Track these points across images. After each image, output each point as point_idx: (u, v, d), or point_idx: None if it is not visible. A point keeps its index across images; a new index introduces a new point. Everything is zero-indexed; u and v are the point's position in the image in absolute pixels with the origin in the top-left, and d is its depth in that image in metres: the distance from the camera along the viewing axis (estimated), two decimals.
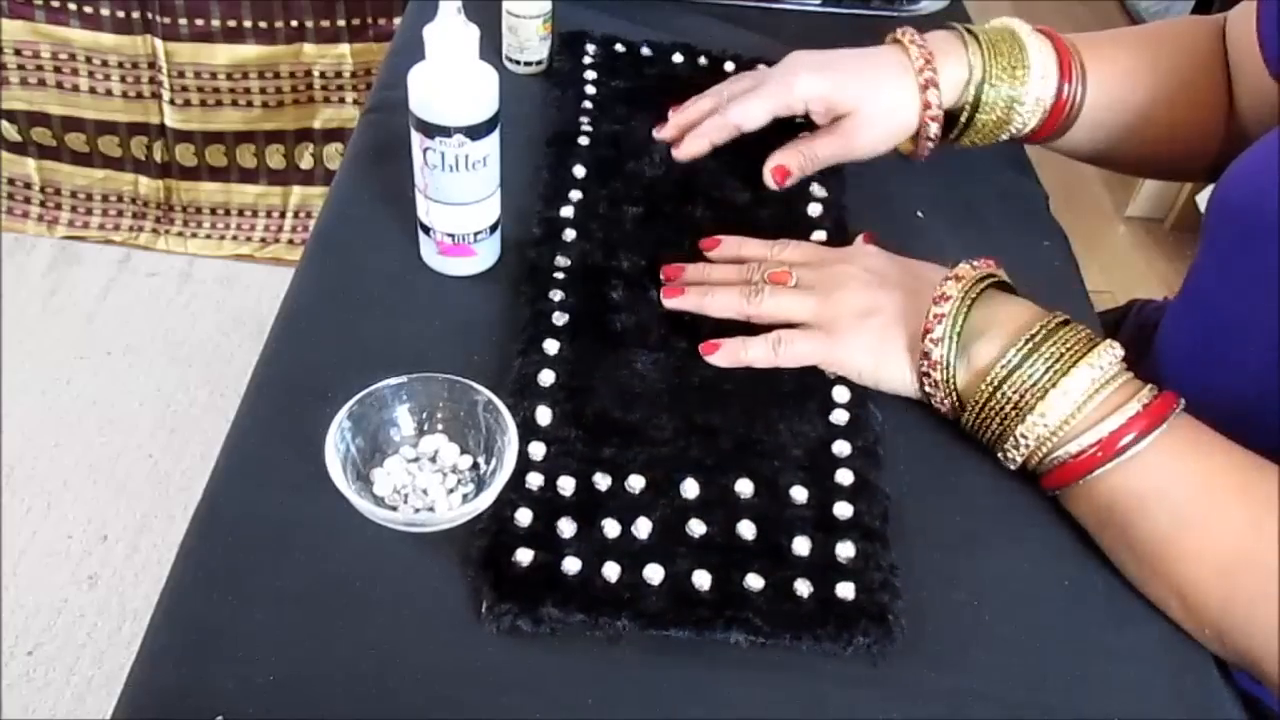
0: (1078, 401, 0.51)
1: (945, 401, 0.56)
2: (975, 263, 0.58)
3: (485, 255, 0.65)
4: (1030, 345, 0.53)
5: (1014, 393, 0.52)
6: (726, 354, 0.59)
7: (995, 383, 0.53)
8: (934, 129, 0.68)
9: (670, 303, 0.62)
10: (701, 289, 0.62)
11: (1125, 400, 0.51)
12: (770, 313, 0.60)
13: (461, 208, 0.61)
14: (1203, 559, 0.50)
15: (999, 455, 0.55)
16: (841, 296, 0.59)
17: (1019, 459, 0.54)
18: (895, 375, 0.58)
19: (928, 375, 0.56)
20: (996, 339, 0.54)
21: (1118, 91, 0.71)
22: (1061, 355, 0.52)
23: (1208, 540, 0.50)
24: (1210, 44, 0.71)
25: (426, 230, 0.63)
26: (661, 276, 0.64)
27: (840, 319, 0.59)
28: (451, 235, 0.63)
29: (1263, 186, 0.57)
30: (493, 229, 0.64)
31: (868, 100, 0.68)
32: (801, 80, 0.69)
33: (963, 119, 0.70)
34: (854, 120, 0.68)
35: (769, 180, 0.70)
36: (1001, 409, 0.53)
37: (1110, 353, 0.52)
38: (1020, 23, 0.69)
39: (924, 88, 0.68)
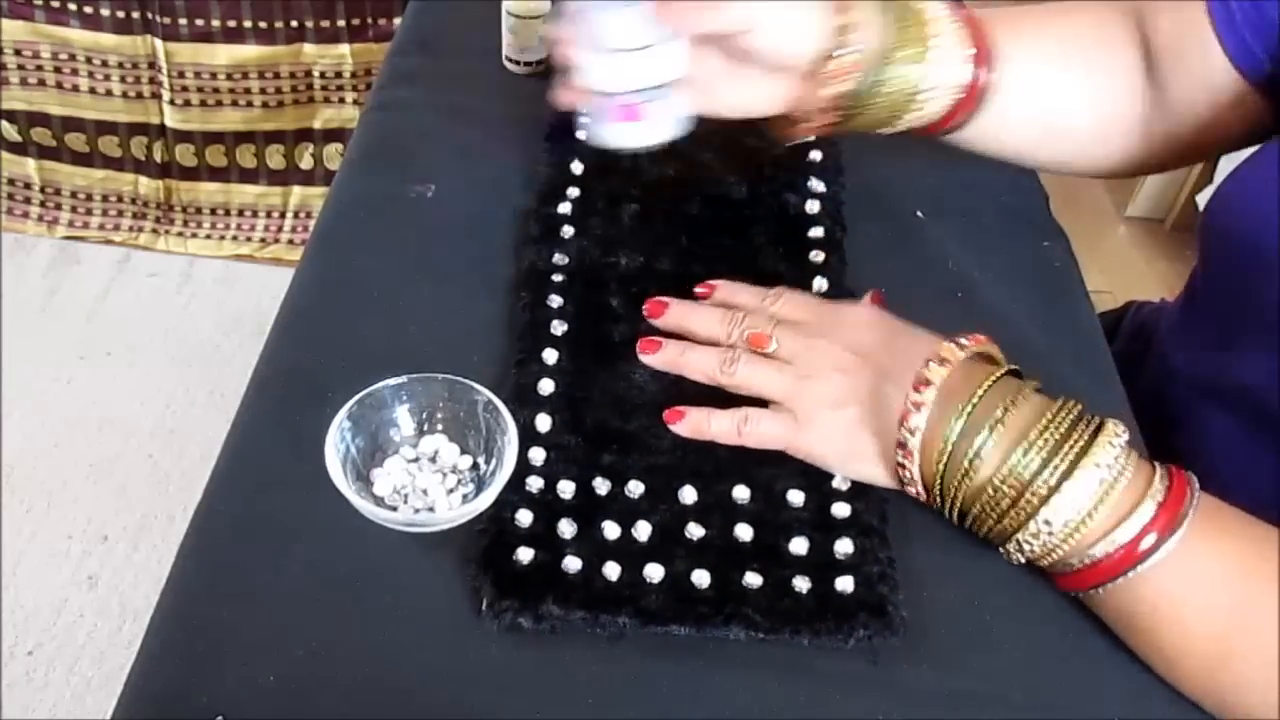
0: (1086, 508, 0.46)
1: (923, 495, 0.52)
2: (964, 340, 0.52)
3: (658, 122, 0.58)
4: (1027, 443, 0.47)
5: (1011, 490, 0.47)
6: (690, 425, 0.56)
7: (990, 484, 0.48)
8: (834, 85, 0.58)
9: (647, 358, 0.59)
10: (679, 346, 0.59)
11: (1139, 499, 0.46)
12: (743, 384, 0.56)
13: (621, 55, 0.55)
14: (1247, 661, 0.46)
15: (999, 549, 0.51)
16: (814, 384, 0.55)
17: (1022, 560, 0.50)
18: (865, 469, 0.54)
19: (903, 466, 0.51)
20: (986, 434, 0.48)
21: (1032, 75, 0.64)
22: (1062, 450, 0.47)
23: (1248, 642, 0.46)
24: (1126, 29, 0.65)
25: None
26: (644, 311, 0.61)
27: (810, 407, 0.55)
28: (608, 94, 0.57)
29: (1259, 212, 0.56)
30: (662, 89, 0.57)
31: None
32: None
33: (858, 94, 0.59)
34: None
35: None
36: (996, 509, 0.48)
37: (1115, 443, 0.47)
38: (933, 3, 0.61)
39: (839, 30, 0.57)
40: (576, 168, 0.71)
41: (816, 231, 0.69)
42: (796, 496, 0.54)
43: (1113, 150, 0.67)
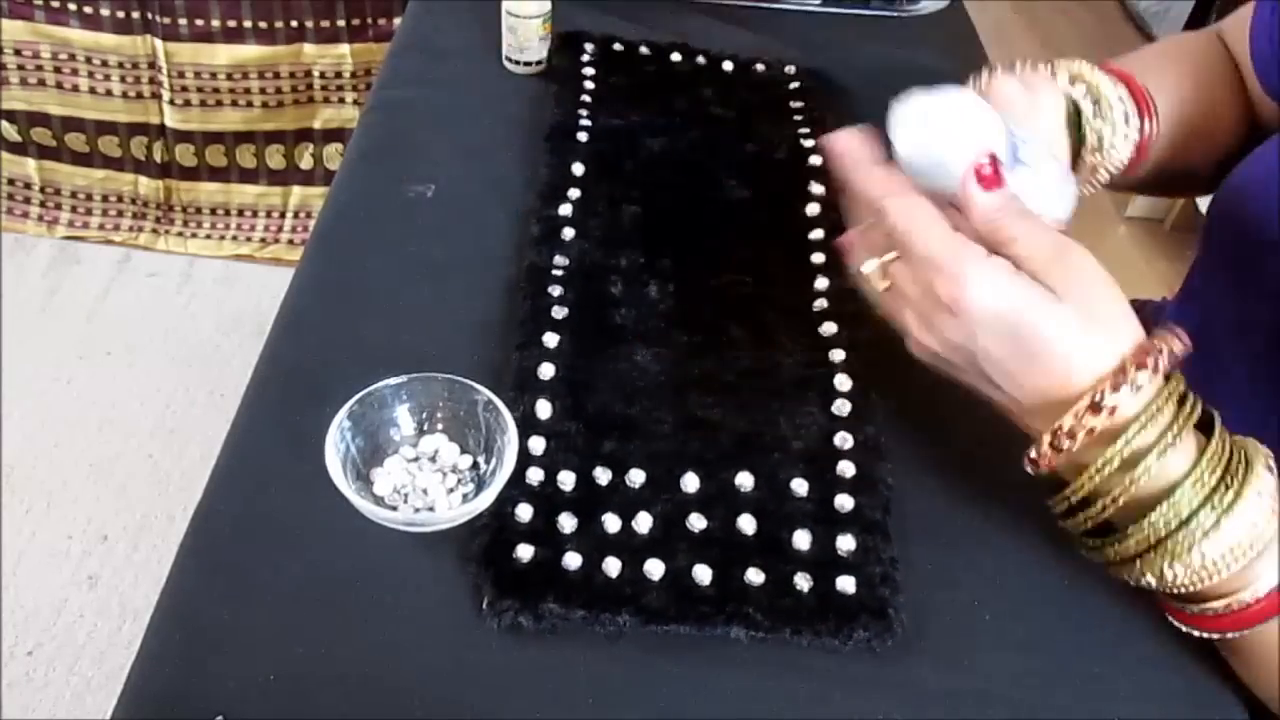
0: (1244, 547, 0.44)
1: (1052, 459, 0.47)
2: (1174, 346, 0.46)
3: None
4: (1198, 472, 0.44)
5: (1174, 519, 0.45)
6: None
7: (1158, 508, 0.45)
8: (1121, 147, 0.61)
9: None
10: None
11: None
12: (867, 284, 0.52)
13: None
14: None
15: (1121, 575, 0.48)
16: (921, 344, 0.50)
17: (1146, 585, 0.47)
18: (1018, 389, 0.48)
19: (1071, 433, 0.45)
20: (1160, 456, 0.44)
21: (1174, 117, 0.66)
22: (1219, 486, 0.44)
23: None
24: (1224, 57, 0.70)
25: None
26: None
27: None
28: None
29: (1265, 194, 0.57)
30: None
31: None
32: None
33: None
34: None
35: None
36: (1151, 531, 0.45)
37: (1269, 475, 0.45)
38: (1084, 63, 0.63)
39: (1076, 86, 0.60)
40: (577, 169, 0.71)
41: (817, 233, 0.69)
42: (800, 486, 0.54)
43: (1212, 172, 0.69)
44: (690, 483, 0.54)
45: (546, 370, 0.58)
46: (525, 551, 0.50)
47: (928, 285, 0.47)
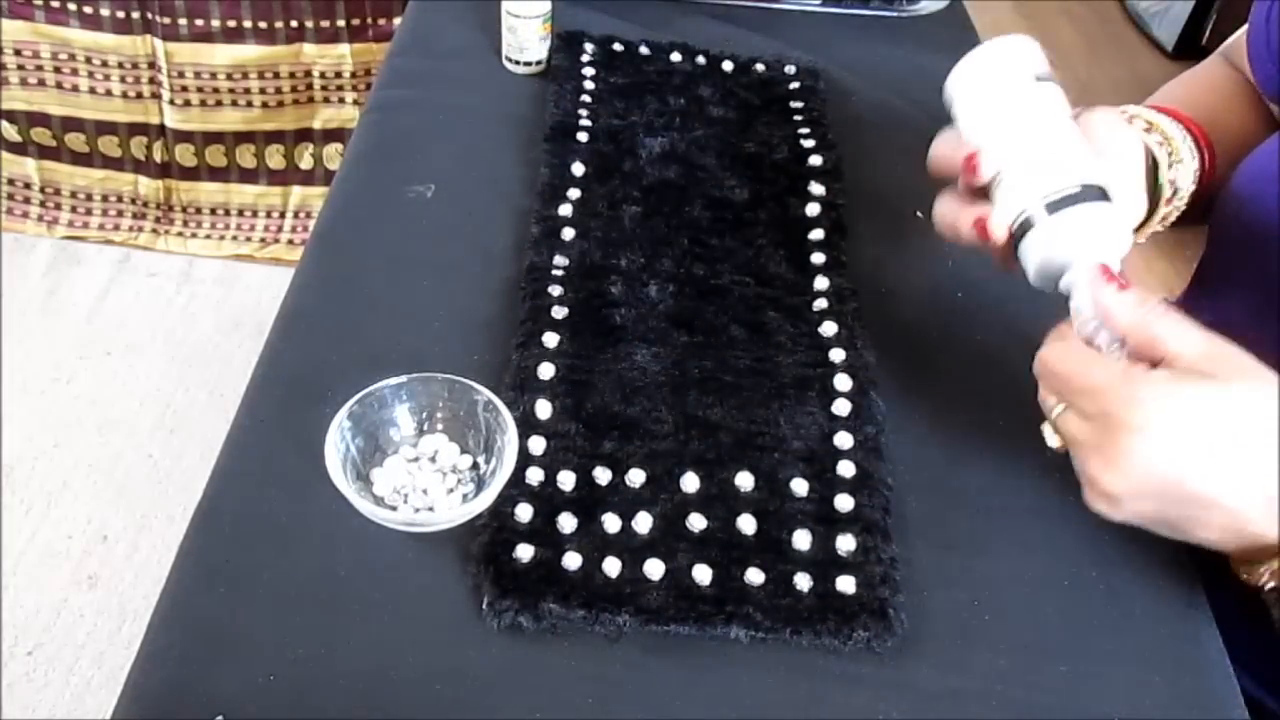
0: None
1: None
2: None
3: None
4: None
5: None
6: None
7: None
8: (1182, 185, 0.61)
9: None
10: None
11: None
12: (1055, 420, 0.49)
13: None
14: None
15: None
16: (1098, 495, 0.47)
17: None
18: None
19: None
20: None
21: (1219, 147, 0.66)
22: None
23: None
24: (1237, 78, 0.70)
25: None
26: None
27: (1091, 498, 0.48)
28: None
29: (1266, 189, 0.57)
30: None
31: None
32: None
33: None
34: None
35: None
36: None
37: None
38: (1143, 108, 0.64)
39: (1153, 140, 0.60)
40: (577, 169, 0.71)
41: (817, 234, 0.69)
42: (800, 486, 0.54)
43: None
44: (690, 483, 0.54)
45: (546, 370, 0.58)
46: (525, 551, 0.50)
47: (1102, 418, 0.45)
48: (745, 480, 0.54)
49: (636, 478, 0.54)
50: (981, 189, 0.53)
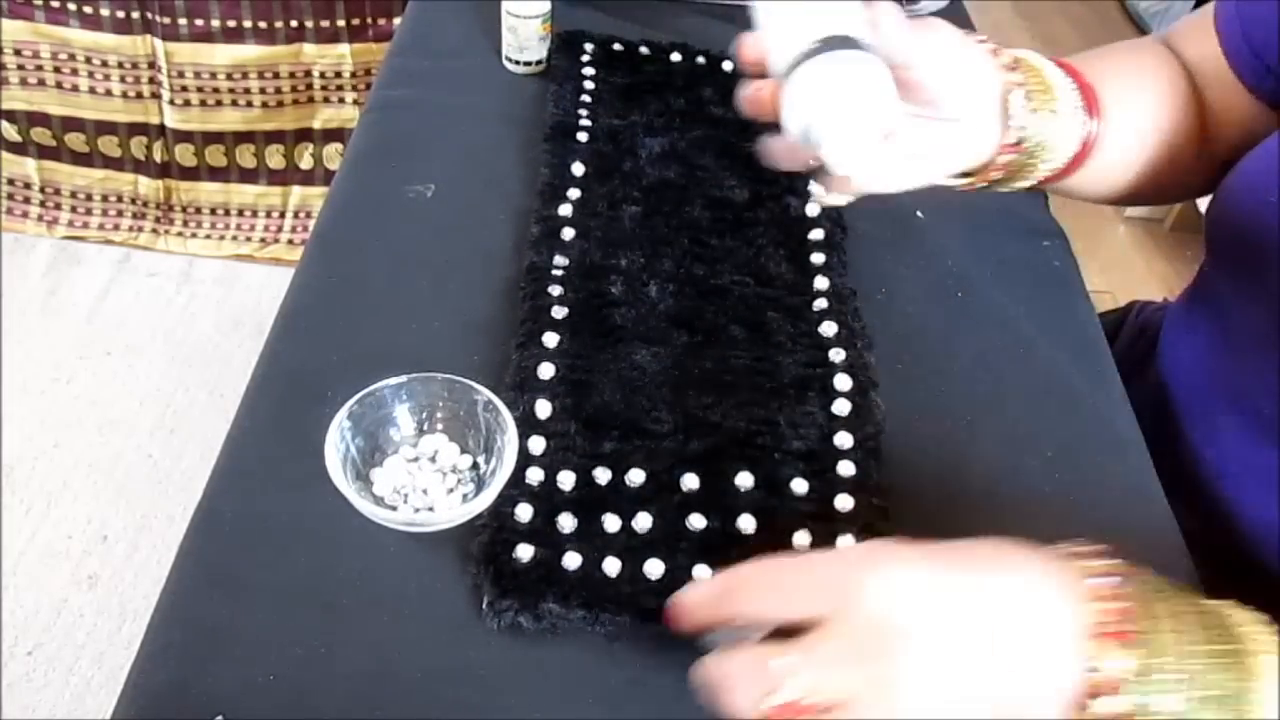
0: None
1: None
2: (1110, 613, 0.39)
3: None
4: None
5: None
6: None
7: None
8: (1019, 117, 0.55)
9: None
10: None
11: None
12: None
13: None
14: None
15: None
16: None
17: None
18: None
19: None
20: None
21: (1125, 123, 0.63)
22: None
23: None
24: (1177, 64, 0.67)
25: None
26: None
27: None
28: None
29: (1261, 198, 0.56)
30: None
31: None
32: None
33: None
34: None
35: None
36: None
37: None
38: (1036, 54, 0.60)
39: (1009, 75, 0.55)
40: (577, 169, 0.71)
41: (817, 233, 0.69)
42: (800, 485, 0.54)
43: (1180, 183, 0.68)
44: (690, 482, 0.54)
45: (546, 370, 0.58)
46: (525, 551, 0.50)
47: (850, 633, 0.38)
48: (745, 480, 0.54)
49: (636, 477, 0.54)
50: None
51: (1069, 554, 0.41)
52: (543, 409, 0.56)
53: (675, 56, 0.83)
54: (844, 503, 0.54)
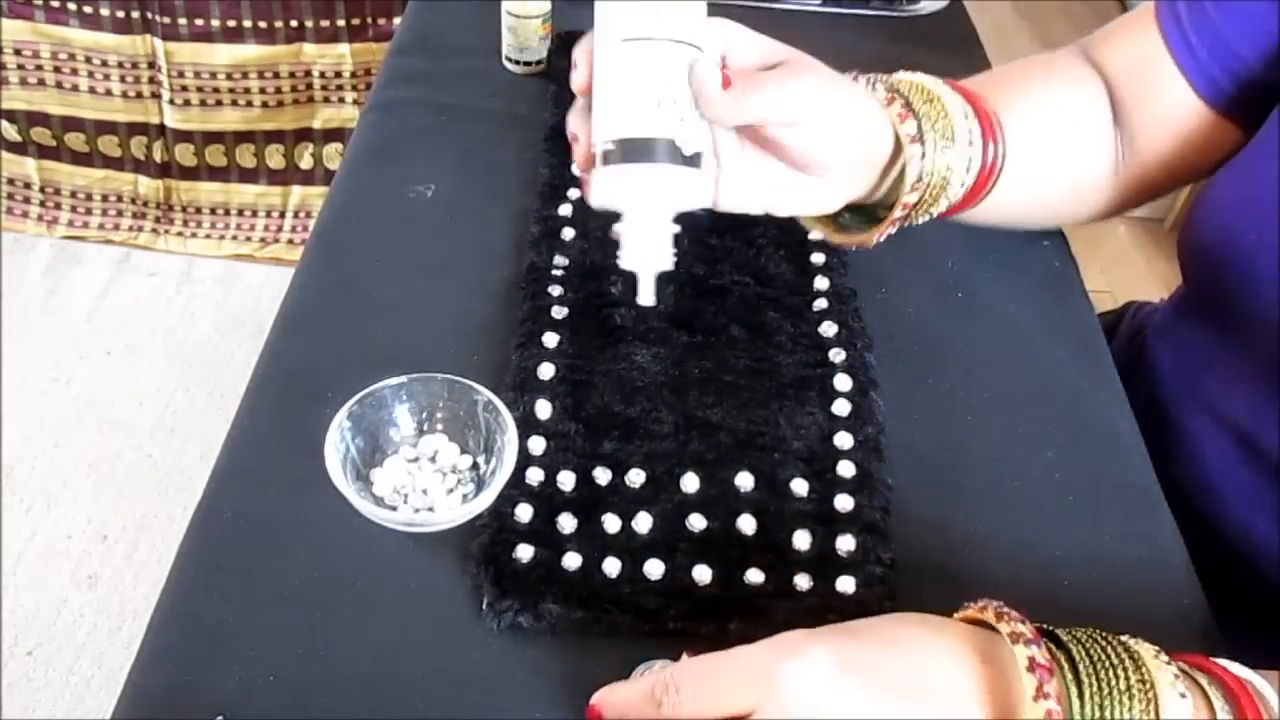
0: None
1: None
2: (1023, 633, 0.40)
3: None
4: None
5: None
6: None
7: None
8: (914, 171, 0.53)
9: None
10: None
11: None
12: None
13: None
14: None
15: None
16: None
17: None
18: None
19: None
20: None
21: (1026, 147, 0.60)
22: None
23: None
24: (1093, 81, 0.65)
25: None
26: None
27: None
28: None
29: (1238, 235, 0.56)
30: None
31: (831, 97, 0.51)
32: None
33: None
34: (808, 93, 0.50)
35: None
36: None
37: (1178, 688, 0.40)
38: (932, 79, 0.56)
39: (900, 118, 0.53)
40: (577, 168, 0.71)
41: (817, 234, 0.69)
42: (800, 486, 0.54)
43: (1091, 203, 0.67)
44: (690, 483, 0.54)
45: (546, 370, 0.58)
46: (525, 551, 0.50)
47: None
48: (745, 480, 0.54)
49: (636, 478, 0.54)
50: None
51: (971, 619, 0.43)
52: (543, 409, 0.56)
53: None
54: (844, 503, 0.54)
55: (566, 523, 0.52)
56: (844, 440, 0.57)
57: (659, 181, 0.45)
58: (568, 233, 0.67)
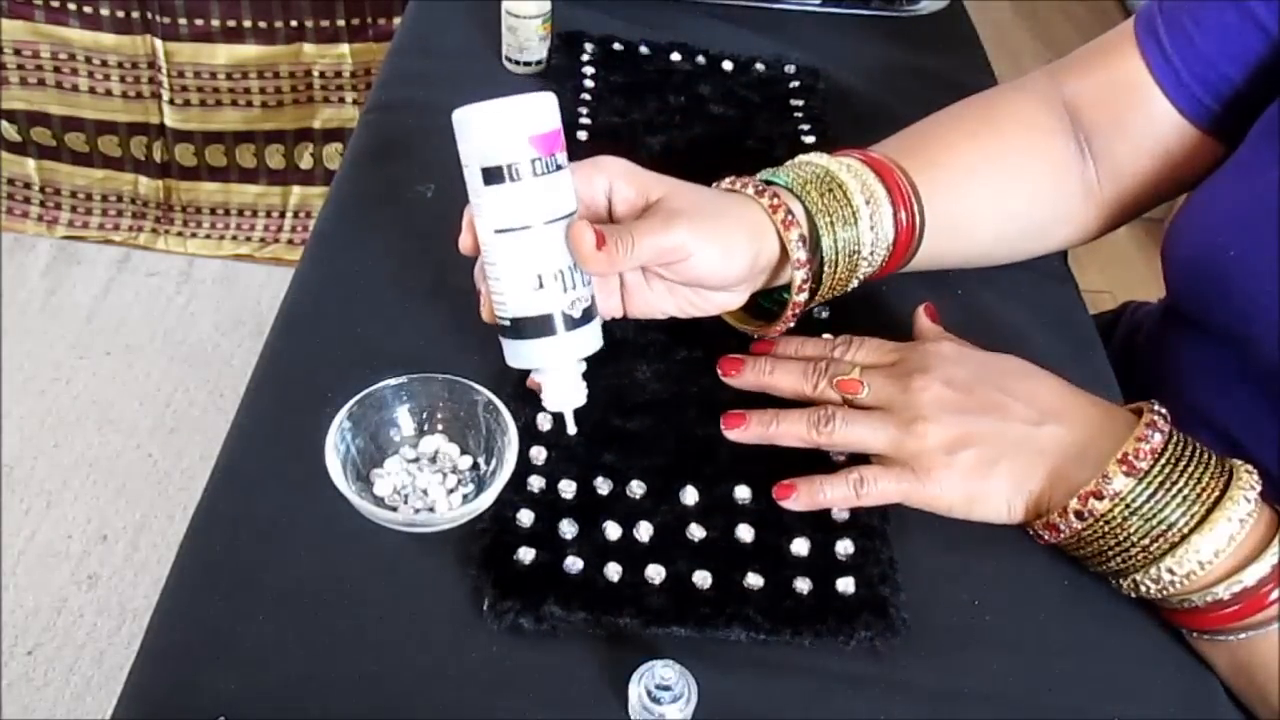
0: (1216, 552, 0.47)
1: (1053, 539, 0.51)
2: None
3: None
4: (1159, 482, 0.48)
5: (1139, 536, 0.48)
6: (804, 498, 0.52)
7: (1116, 520, 0.49)
8: (801, 276, 0.55)
9: (733, 434, 0.55)
10: (766, 418, 0.54)
11: (1264, 543, 0.47)
12: (843, 442, 0.53)
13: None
14: None
15: (1111, 581, 0.52)
16: (925, 429, 0.51)
17: (1134, 595, 0.51)
18: (993, 510, 0.52)
19: (1056, 527, 0.51)
20: (1118, 472, 0.49)
21: (963, 192, 0.63)
22: (1198, 496, 0.48)
23: None
24: (1052, 116, 0.65)
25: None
26: (719, 371, 0.58)
27: (926, 455, 0.51)
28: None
29: (1217, 251, 0.57)
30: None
31: (712, 215, 0.54)
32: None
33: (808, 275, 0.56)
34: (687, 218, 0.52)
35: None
36: (1123, 549, 0.49)
37: (1249, 494, 0.48)
38: (825, 156, 0.59)
39: (785, 225, 0.55)
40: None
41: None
42: None
43: (1062, 234, 0.68)
44: (689, 496, 0.54)
45: None
46: (526, 554, 0.50)
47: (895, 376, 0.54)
48: (744, 492, 0.54)
49: (637, 489, 0.54)
50: None
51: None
52: (543, 420, 0.56)
53: (675, 56, 0.83)
54: (841, 511, 0.54)
55: (568, 528, 0.52)
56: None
57: (555, 347, 0.51)
58: None
